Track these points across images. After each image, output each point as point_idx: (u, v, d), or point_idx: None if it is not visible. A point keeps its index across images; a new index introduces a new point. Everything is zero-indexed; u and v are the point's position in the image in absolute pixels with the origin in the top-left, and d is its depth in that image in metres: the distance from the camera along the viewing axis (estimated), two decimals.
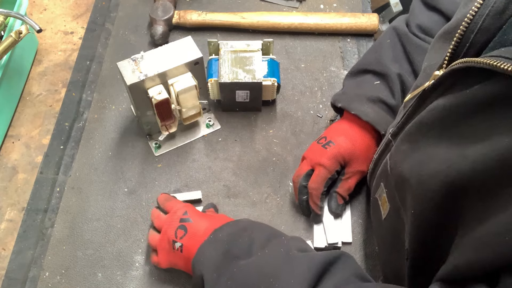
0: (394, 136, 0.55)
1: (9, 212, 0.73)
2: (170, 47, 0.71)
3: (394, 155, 0.52)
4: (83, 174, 0.75)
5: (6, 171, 0.77)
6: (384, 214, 0.56)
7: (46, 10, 0.95)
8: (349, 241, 0.69)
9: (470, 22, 0.41)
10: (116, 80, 0.84)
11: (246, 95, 0.77)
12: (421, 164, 0.44)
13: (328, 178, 0.67)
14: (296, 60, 0.87)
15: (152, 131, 0.78)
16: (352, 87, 0.71)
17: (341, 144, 0.67)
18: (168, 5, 0.88)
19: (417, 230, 0.45)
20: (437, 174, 0.40)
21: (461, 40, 0.42)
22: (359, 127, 0.69)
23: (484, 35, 0.41)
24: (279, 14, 0.90)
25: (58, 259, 0.68)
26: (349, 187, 0.69)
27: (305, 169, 0.68)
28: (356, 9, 0.94)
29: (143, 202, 0.73)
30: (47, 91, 0.85)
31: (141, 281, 0.66)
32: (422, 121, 0.46)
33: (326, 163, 0.66)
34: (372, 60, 0.71)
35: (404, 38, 0.69)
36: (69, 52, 0.90)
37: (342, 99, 0.70)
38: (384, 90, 0.68)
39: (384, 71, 0.68)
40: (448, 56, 0.44)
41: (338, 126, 0.71)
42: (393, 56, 0.69)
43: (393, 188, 0.51)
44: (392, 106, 0.67)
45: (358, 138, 0.68)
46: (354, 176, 0.68)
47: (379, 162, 0.60)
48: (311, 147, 0.70)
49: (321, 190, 0.67)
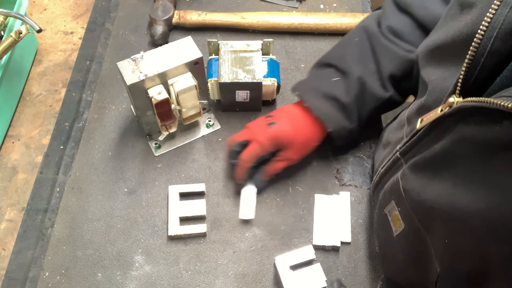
0: (403, 155, 0.54)
1: (9, 212, 0.73)
2: (170, 47, 0.71)
3: (410, 178, 0.51)
4: (83, 174, 0.75)
5: (6, 171, 0.77)
6: (397, 231, 0.55)
7: (46, 10, 0.95)
8: (349, 241, 0.69)
9: (478, 46, 0.40)
10: (116, 80, 0.84)
11: (246, 95, 0.77)
12: (452, 197, 0.43)
13: (260, 156, 0.68)
14: (296, 60, 0.87)
15: (152, 131, 0.78)
16: (312, 78, 0.73)
17: (284, 129, 0.69)
18: (168, 5, 0.88)
19: (453, 258, 0.44)
20: (476, 212, 0.39)
21: (471, 64, 0.41)
22: (308, 118, 0.70)
23: (494, 57, 0.40)
24: (279, 14, 0.90)
25: (58, 259, 0.68)
26: (276, 168, 0.71)
27: (243, 137, 0.70)
28: (356, 9, 0.94)
29: (143, 202, 0.73)
30: (47, 91, 0.85)
31: (141, 281, 0.66)
32: (448, 151, 0.44)
33: (263, 141, 0.68)
34: (337, 56, 0.71)
35: (374, 38, 0.69)
36: (69, 52, 0.90)
37: (301, 88, 0.71)
38: (340, 88, 0.68)
39: (346, 69, 0.68)
40: (460, 81, 0.43)
41: (290, 109, 0.72)
42: (359, 55, 0.69)
43: (410, 210, 0.51)
44: (344, 104, 0.68)
45: (302, 128, 0.69)
46: (284, 161, 0.70)
47: (385, 177, 0.60)
48: (257, 121, 0.71)
49: (249, 164, 0.69)
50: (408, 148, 0.53)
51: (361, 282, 0.67)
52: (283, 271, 0.64)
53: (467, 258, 0.43)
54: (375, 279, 0.67)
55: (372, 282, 0.67)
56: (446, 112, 0.44)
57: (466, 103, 0.41)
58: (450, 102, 0.44)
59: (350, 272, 0.68)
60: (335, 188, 0.74)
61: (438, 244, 0.47)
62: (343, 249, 0.69)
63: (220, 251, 0.69)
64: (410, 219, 0.51)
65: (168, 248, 0.69)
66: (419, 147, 0.51)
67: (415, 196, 0.49)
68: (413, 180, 0.51)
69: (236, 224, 0.71)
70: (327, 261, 0.68)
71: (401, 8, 0.68)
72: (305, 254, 0.65)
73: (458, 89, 0.43)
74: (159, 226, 0.71)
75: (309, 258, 0.65)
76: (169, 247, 0.69)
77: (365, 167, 0.76)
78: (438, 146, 0.46)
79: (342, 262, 0.68)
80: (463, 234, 0.42)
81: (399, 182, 0.53)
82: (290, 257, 0.65)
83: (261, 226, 0.71)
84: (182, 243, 0.70)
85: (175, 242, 0.70)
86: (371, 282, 0.67)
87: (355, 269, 0.68)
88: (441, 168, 0.46)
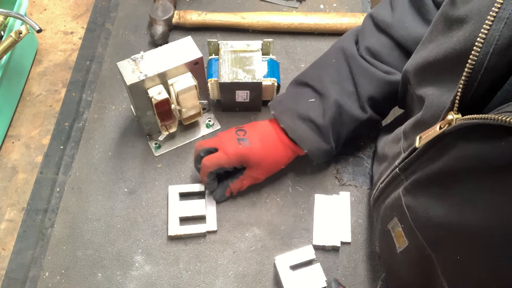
0: (403, 171, 0.54)
1: (9, 212, 0.73)
2: (170, 47, 0.71)
3: (414, 195, 0.51)
4: (83, 174, 0.75)
5: (6, 171, 0.77)
6: (400, 247, 0.55)
7: (46, 10, 0.95)
8: (348, 241, 0.69)
9: (475, 62, 0.40)
10: (116, 80, 0.84)
11: (246, 95, 0.77)
12: (461, 214, 0.42)
13: (222, 167, 0.68)
14: (296, 60, 0.87)
15: (152, 131, 0.78)
16: (289, 97, 0.71)
17: (254, 148, 0.68)
18: (168, 5, 0.88)
19: (463, 275, 0.44)
20: (487, 228, 0.39)
21: (468, 80, 0.41)
22: (280, 139, 0.69)
23: (491, 73, 0.40)
24: (279, 14, 0.90)
25: (58, 259, 0.68)
26: (241, 186, 0.71)
27: (211, 145, 0.69)
28: (356, 9, 0.94)
29: (143, 202, 0.73)
30: (47, 91, 0.85)
31: (141, 281, 0.66)
32: (452, 169, 0.44)
33: (230, 155, 0.67)
34: (315, 76, 0.70)
35: (351, 60, 0.68)
36: (69, 52, 0.90)
37: (277, 107, 0.70)
38: (316, 110, 0.67)
39: (322, 91, 0.68)
40: (458, 98, 0.42)
41: (264, 127, 0.71)
42: (336, 77, 0.68)
43: (413, 227, 0.50)
44: (320, 126, 0.67)
45: (273, 149, 0.69)
46: (249, 180, 0.70)
47: (385, 192, 0.59)
48: (229, 132, 0.70)
49: (210, 170, 0.68)
50: (407, 165, 0.53)
51: (361, 282, 0.67)
52: (283, 271, 0.64)
53: (477, 275, 0.42)
54: (375, 279, 0.67)
55: (372, 282, 0.67)
56: (446, 130, 0.44)
57: (468, 120, 0.41)
58: (448, 120, 0.43)
59: (350, 272, 0.68)
60: (335, 188, 0.74)
61: (445, 261, 0.46)
62: (343, 249, 0.69)
63: (220, 251, 0.69)
64: (414, 236, 0.51)
65: (168, 248, 0.69)
66: (419, 164, 0.50)
67: (421, 213, 0.49)
68: (417, 197, 0.50)
69: (236, 224, 0.71)
70: (327, 261, 0.68)
71: (380, 28, 0.68)
72: (305, 254, 0.65)
73: (456, 106, 0.43)
74: (159, 226, 0.71)
75: (309, 258, 0.65)
76: (169, 247, 0.69)
77: (365, 167, 0.76)
78: (440, 163, 0.45)
79: (342, 262, 0.68)
80: (473, 251, 0.42)
81: (401, 198, 0.53)
82: (290, 257, 0.65)
83: (261, 226, 0.71)
84: (182, 243, 0.70)
85: (175, 242, 0.70)
86: (371, 282, 0.67)
87: (355, 269, 0.68)
88: (446, 185, 0.45)
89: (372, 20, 0.69)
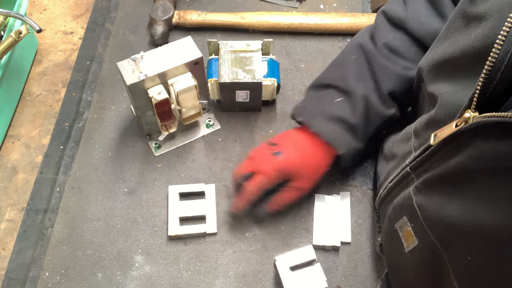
0: (414, 170, 0.53)
1: (9, 212, 0.73)
2: (170, 47, 0.71)
3: (426, 194, 0.50)
4: (83, 174, 0.75)
5: (6, 171, 0.77)
6: (409, 247, 0.54)
7: (46, 10, 0.95)
8: (348, 241, 0.69)
9: (495, 60, 0.40)
10: (116, 80, 0.84)
11: (246, 95, 0.77)
12: (475, 213, 0.42)
13: (266, 189, 0.66)
14: (296, 60, 0.87)
15: (152, 131, 0.78)
16: (313, 101, 0.69)
17: (291, 158, 0.66)
18: (168, 5, 0.88)
19: (476, 275, 0.43)
20: (503, 227, 0.39)
21: (488, 78, 0.41)
22: (314, 144, 0.67)
23: (511, 72, 0.40)
24: (279, 14, 0.90)
25: (58, 259, 0.68)
26: (283, 200, 0.68)
27: (248, 170, 0.67)
28: (356, 9, 0.94)
29: (143, 202, 0.73)
30: (47, 91, 0.85)
31: (141, 281, 0.66)
32: (466, 167, 0.44)
33: (270, 173, 0.65)
34: (336, 76, 0.69)
35: (370, 56, 0.67)
36: (69, 52, 0.90)
37: (303, 113, 0.68)
38: (346, 109, 0.66)
39: (348, 89, 0.66)
40: (476, 96, 0.42)
41: (295, 135, 0.69)
42: (358, 74, 0.67)
43: (425, 226, 0.50)
44: (352, 125, 0.65)
45: (309, 154, 0.67)
46: (293, 191, 0.68)
47: (393, 191, 0.58)
48: (260, 150, 0.68)
49: (255, 197, 0.66)
50: (419, 163, 0.52)
51: (361, 282, 0.67)
52: (283, 271, 0.64)
53: (490, 275, 0.42)
54: (375, 279, 0.67)
55: (372, 282, 0.67)
56: (462, 128, 0.43)
57: (486, 118, 0.40)
58: (465, 117, 0.43)
59: (350, 272, 0.68)
60: (335, 188, 0.74)
61: (458, 261, 0.46)
62: (343, 249, 0.69)
63: (220, 251, 0.69)
64: (425, 235, 0.50)
65: (168, 248, 0.69)
66: (431, 162, 0.49)
67: (434, 213, 0.48)
68: (429, 196, 0.49)
69: (236, 224, 0.71)
70: (327, 261, 0.68)
71: (395, 24, 0.67)
72: (305, 254, 0.65)
73: (474, 104, 0.42)
74: (159, 226, 0.71)
75: (309, 258, 0.65)
76: (169, 247, 0.69)
77: (365, 167, 0.76)
78: (454, 161, 0.45)
79: (342, 262, 0.68)
80: (487, 251, 0.41)
81: (412, 197, 0.52)
82: (290, 257, 0.65)
83: (261, 226, 0.71)
84: (182, 243, 0.70)
85: (175, 242, 0.70)
86: (371, 282, 0.67)
87: (355, 269, 0.68)
88: (460, 183, 0.45)
89: (385, 16, 0.68)
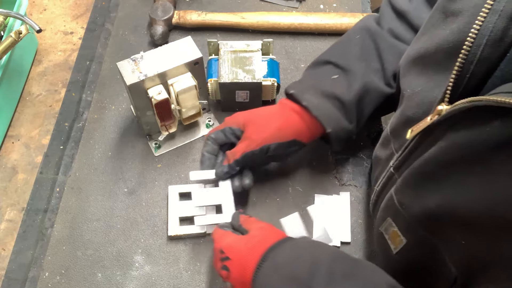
0: (397, 170, 0.53)
1: (9, 212, 0.73)
2: (170, 47, 0.71)
3: (405, 191, 0.50)
4: (83, 174, 0.75)
5: (6, 171, 0.77)
6: (396, 248, 0.54)
7: (46, 10, 0.95)
8: (348, 241, 0.69)
9: (468, 53, 0.40)
10: (116, 80, 0.84)
11: (246, 95, 0.77)
12: (454, 201, 0.43)
13: (225, 134, 0.68)
14: (296, 60, 0.87)
15: (152, 131, 0.78)
16: (309, 77, 0.69)
17: (248, 110, 0.69)
18: (168, 5, 0.88)
19: (471, 257, 0.44)
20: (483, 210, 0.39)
21: (461, 72, 0.41)
22: (290, 106, 0.66)
23: (484, 65, 0.40)
24: (279, 14, 0.90)
25: (58, 259, 0.68)
26: (236, 150, 0.66)
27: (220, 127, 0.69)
28: (356, 9, 0.94)
29: (143, 202, 0.73)
30: (47, 91, 0.85)
31: (141, 281, 0.66)
32: (439, 159, 0.44)
33: (226, 120, 0.69)
34: (337, 53, 0.68)
35: (377, 36, 0.67)
36: (69, 52, 0.90)
37: (296, 87, 0.67)
38: (341, 86, 0.65)
39: (347, 67, 0.65)
40: (449, 90, 0.43)
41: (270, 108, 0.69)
42: (361, 53, 0.66)
43: (412, 223, 0.50)
44: (345, 103, 0.64)
45: (268, 109, 0.68)
46: (244, 142, 0.66)
47: (381, 195, 0.58)
48: None
49: (210, 141, 0.68)
50: (401, 162, 0.52)
51: None
52: None
53: (483, 257, 0.42)
54: None
55: None
56: (435, 120, 0.44)
57: (454, 107, 0.41)
58: (438, 110, 0.43)
59: None
60: (335, 188, 0.74)
61: (452, 247, 0.46)
62: (343, 249, 0.69)
63: None
64: (415, 231, 0.50)
65: (168, 248, 0.69)
66: (412, 160, 0.50)
67: (416, 208, 0.48)
68: (409, 192, 0.50)
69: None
70: None
71: (400, 14, 0.67)
72: None
73: (447, 97, 0.43)
74: (159, 226, 0.71)
75: None
76: (169, 247, 0.69)
77: (365, 167, 0.76)
78: (427, 155, 0.45)
79: None
80: (474, 235, 0.42)
81: (393, 197, 0.52)
82: None
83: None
84: (182, 243, 0.70)
85: (175, 242, 0.70)
86: None
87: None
88: (434, 176, 0.45)
89: (391, 6, 0.69)
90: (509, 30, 0.39)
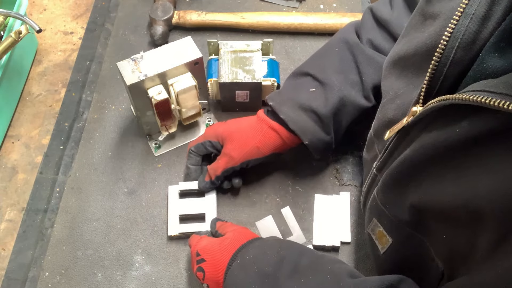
0: (379, 171, 0.54)
1: (9, 212, 0.73)
2: (170, 47, 0.71)
3: (385, 191, 0.51)
4: (83, 174, 0.75)
5: (6, 171, 0.77)
6: (383, 248, 0.55)
7: (46, 10, 0.95)
8: (348, 241, 0.69)
9: (441, 56, 0.41)
10: (116, 80, 0.84)
11: (246, 95, 0.77)
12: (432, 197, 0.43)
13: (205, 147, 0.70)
14: (296, 60, 0.87)
15: (152, 131, 0.78)
16: (289, 88, 0.70)
17: (227, 123, 0.71)
18: (168, 5, 0.88)
19: (452, 251, 0.44)
20: (459, 205, 0.40)
21: (434, 74, 0.42)
22: (265, 121, 0.68)
23: (457, 67, 0.41)
24: (279, 14, 0.90)
25: (58, 259, 0.68)
26: (217, 167, 0.69)
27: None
28: (356, 9, 0.94)
29: (143, 202, 0.73)
30: (47, 91, 0.85)
31: (141, 281, 0.66)
32: (413, 159, 0.45)
33: (206, 133, 0.71)
34: (315, 65, 0.69)
35: (356, 49, 0.67)
36: (68, 52, 0.90)
37: (275, 98, 0.69)
38: (318, 99, 0.66)
39: (325, 80, 0.67)
40: (423, 92, 0.44)
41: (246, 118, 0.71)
42: (340, 66, 0.67)
43: (396, 222, 0.50)
44: (321, 116, 0.65)
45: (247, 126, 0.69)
46: (224, 158, 0.69)
47: (368, 196, 0.59)
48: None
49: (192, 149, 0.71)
50: (382, 164, 0.53)
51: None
52: None
53: (463, 249, 0.43)
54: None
55: None
56: (410, 122, 0.45)
57: (426, 107, 0.42)
58: (413, 112, 0.44)
59: None
60: (335, 188, 0.74)
61: (436, 241, 0.47)
62: (343, 249, 0.69)
63: None
64: (398, 230, 0.51)
65: (168, 248, 0.69)
66: (392, 161, 0.50)
67: (396, 206, 0.49)
68: (388, 192, 0.50)
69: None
70: None
71: (380, 23, 0.68)
72: None
73: (422, 99, 0.44)
74: (159, 226, 0.71)
75: None
76: (169, 247, 0.69)
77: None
78: (402, 155, 0.46)
79: None
80: (454, 227, 0.43)
81: (376, 198, 0.53)
82: None
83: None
84: (182, 243, 0.70)
85: (175, 242, 0.70)
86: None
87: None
88: (411, 175, 0.46)
89: (372, 14, 0.69)
90: (480, 33, 0.40)
